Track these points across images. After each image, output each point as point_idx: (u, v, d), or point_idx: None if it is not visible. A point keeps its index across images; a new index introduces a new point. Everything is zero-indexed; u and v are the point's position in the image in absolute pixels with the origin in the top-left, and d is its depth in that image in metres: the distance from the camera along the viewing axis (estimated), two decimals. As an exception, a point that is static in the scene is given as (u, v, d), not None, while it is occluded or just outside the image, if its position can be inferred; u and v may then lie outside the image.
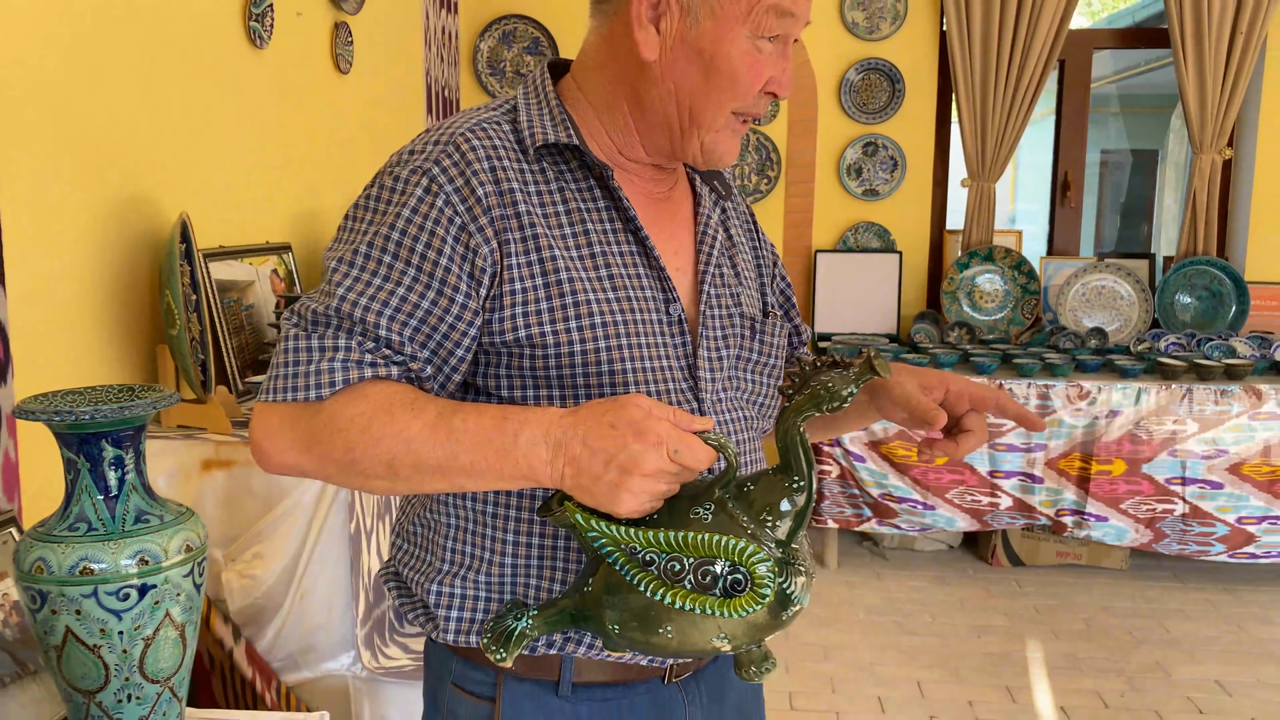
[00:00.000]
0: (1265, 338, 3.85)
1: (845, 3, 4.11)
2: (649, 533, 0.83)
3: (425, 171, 0.96)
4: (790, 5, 0.96)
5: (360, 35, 2.99)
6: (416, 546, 1.07)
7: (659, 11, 0.96)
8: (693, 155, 1.02)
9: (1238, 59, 3.93)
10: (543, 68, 1.07)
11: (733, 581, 0.82)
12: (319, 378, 0.92)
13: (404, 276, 0.93)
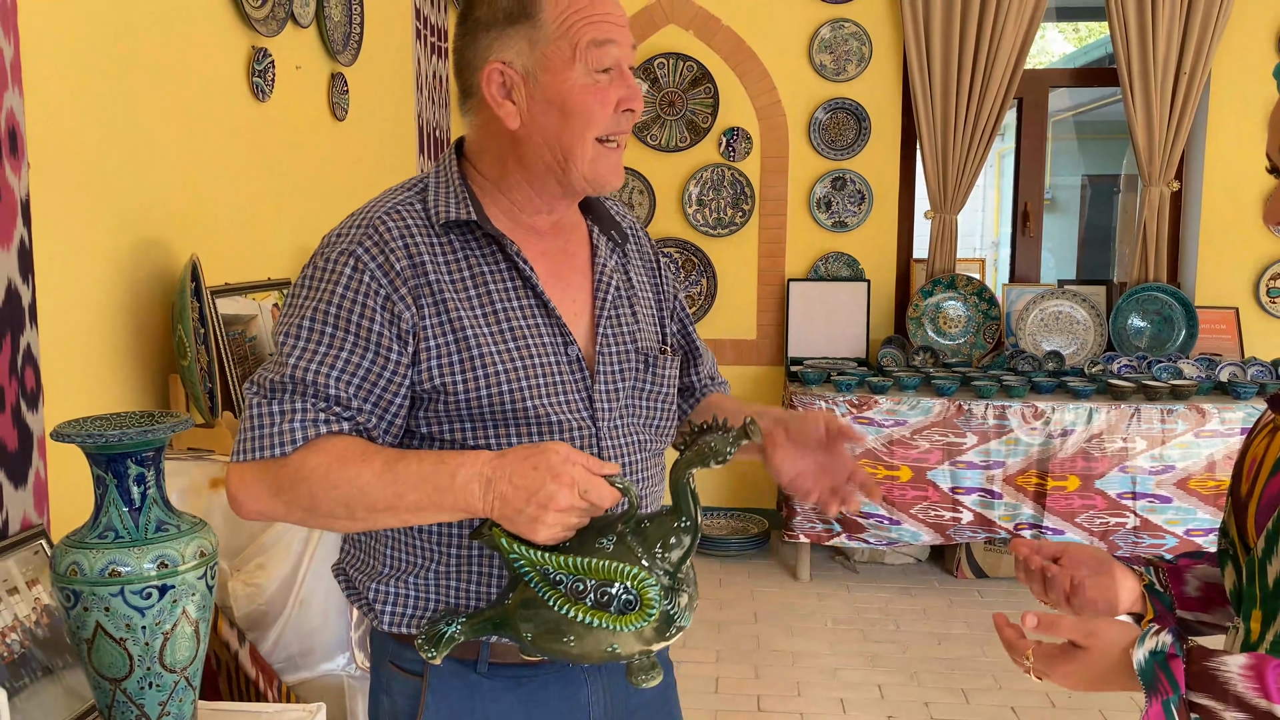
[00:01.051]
0: (1212, 359, 4.06)
1: (813, 46, 4.35)
2: (559, 557, 1.00)
3: (350, 253, 1.12)
4: (605, 34, 1.11)
5: (355, 84, 3.21)
6: (361, 550, 1.26)
7: (507, 86, 1.13)
8: (580, 187, 1.16)
9: (1182, 96, 4.17)
10: (451, 150, 1.23)
11: (625, 602, 1.00)
12: (281, 437, 1.08)
13: (344, 343, 1.10)
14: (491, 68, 1.13)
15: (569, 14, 1.11)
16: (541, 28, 1.11)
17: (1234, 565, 1.05)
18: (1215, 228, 4.36)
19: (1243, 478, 1.02)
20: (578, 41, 1.11)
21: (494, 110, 1.14)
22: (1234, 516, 1.04)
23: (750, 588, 3.96)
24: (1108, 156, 9.07)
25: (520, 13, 1.12)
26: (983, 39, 4.17)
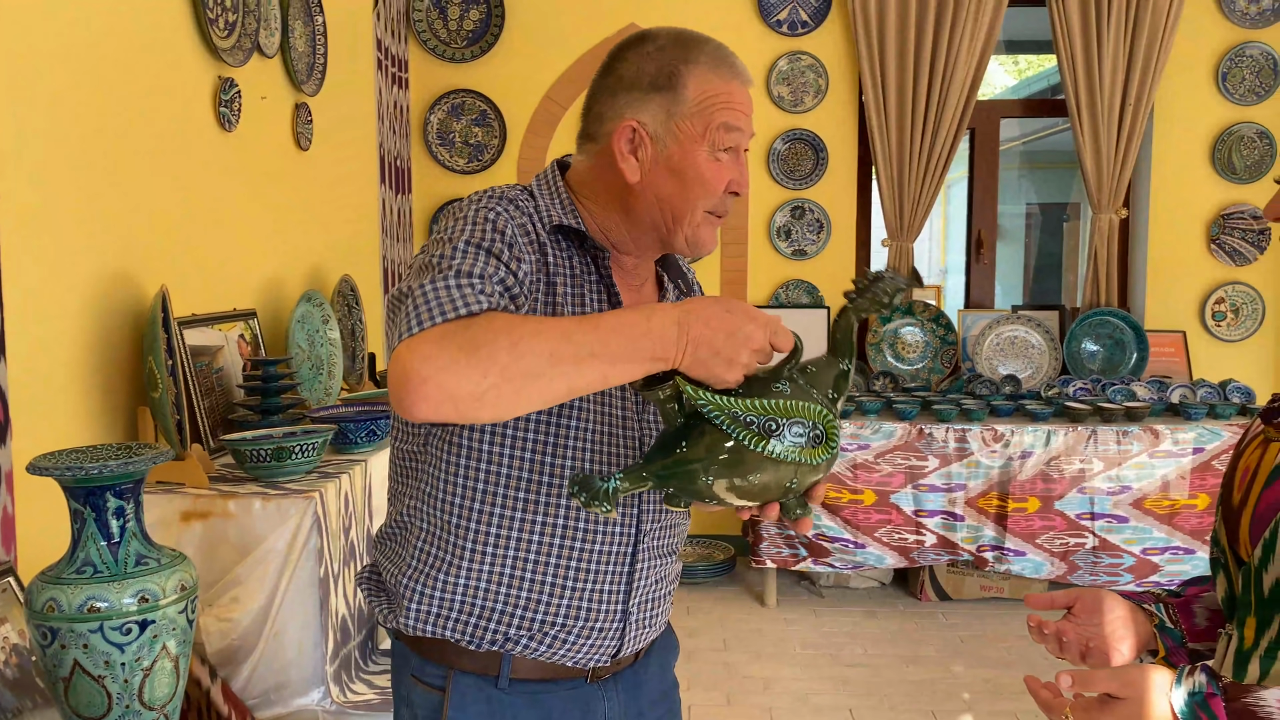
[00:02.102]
0: (1163, 381, 4.17)
1: (772, 78, 4.43)
2: (750, 400, 1.02)
3: (492, 208, 1.18)
4: (736, 121, 1.20)
5: (319, 114, 3.21)
6: (394, 543, 1.27)
7: (635, 144, 1.20)
8: (679, 248, 1.25)
9: (1128, 126, 4.31)
10: (554, 165, 1.30)
11: (814, 437, 1.04)
12: (465, 299, 1.05)
13: (498, 265, 1.12)
14: (626, 124, 1.20)
15: (709, 96, 1.19)
16: (682, 103, 1.19)
17: (1225, 574, 1.08)
18: (1162, 254, 4.50)
19: (1234, 488, 1.06)
20: (711, 122, 1.18)
21: (617, 161, 1.21)
22: (1225, 526, 1.07)
23: (719, 614, 3.96)
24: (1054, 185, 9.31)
25: (666, 84, 1.19)
26: (936, 71, 4.27)
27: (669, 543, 1.30)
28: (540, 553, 1.19)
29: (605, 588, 1.23)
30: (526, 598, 1.20)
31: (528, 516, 1.19)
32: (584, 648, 1.24)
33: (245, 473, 2.18)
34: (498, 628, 1.21)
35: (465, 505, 1.19)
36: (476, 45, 4.43)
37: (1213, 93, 4.41)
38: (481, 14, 4.42)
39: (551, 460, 1.18)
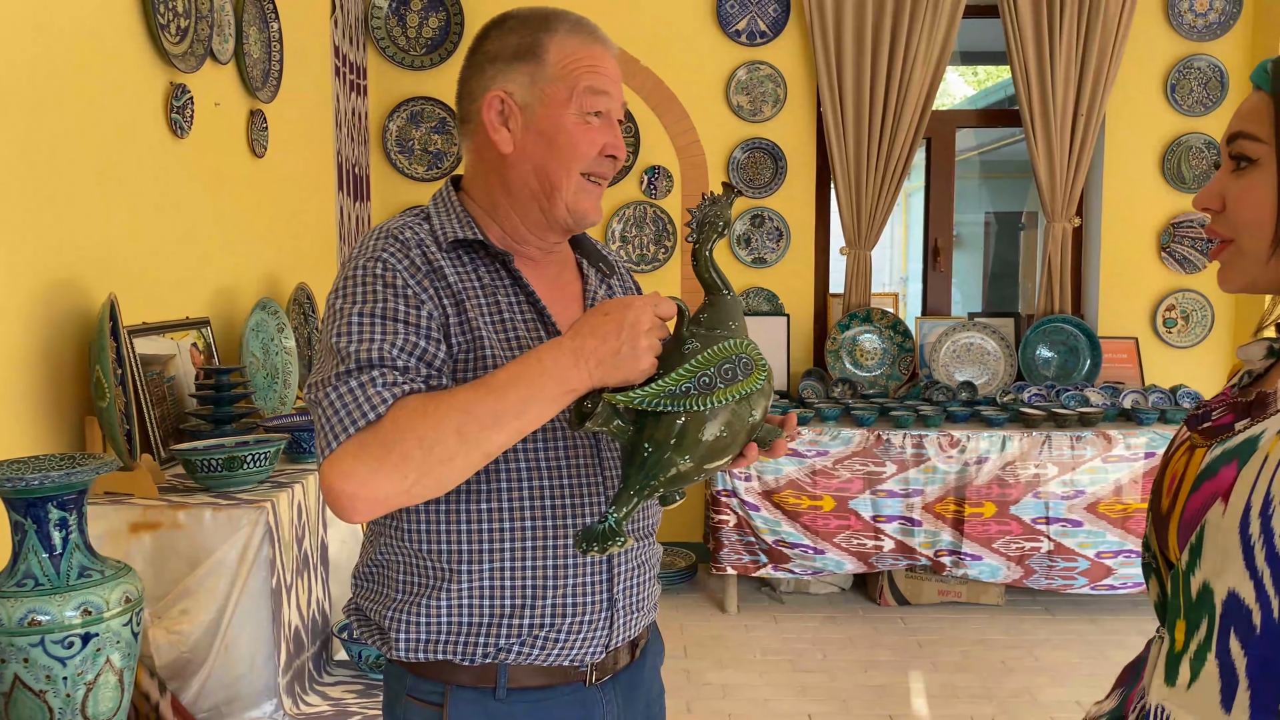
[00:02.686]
0: (1116, 387, 4.24)
1: (730, 88, 4.46)
2: (676, 371, 1.06)
3: (376, 258, 1.18)
4: (600, 84, 1.23)
5: (274, 121, 3.18)
6: (374, 583, 1.28)
7: (504, 115, 1.23)
8: (562, 218, 1.25)
9: (1080, 136, 4.38)
10: (448, 183, 1.32)
11: (745, 365, 1.07)
12: (370, 402, 1.08)
13: (396, 328, 1.14)
14: (493, 95, 1.23)
15: (572, 60, 1.22)
16: (545, 68, 1.22)
17: (1157, 578, 1.10)
18: (1114, 261, 4.58)
19: (1163, 494, 1.07)
20: (575, 85, 1.22)
21: (489, 134, 1.23)
22: (1155, 531, 1.09)
23: (679, 622, 3.97)
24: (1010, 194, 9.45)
25: (528, 52, 1.23)
26: (893, 81, 4.32)
27: (644, 525, 1.32)
28: (517, 559, 1.21)
29: (587, 580, 1.24)
30: (512, 605, 1.21)
31: (496, 527, 1.20)
32: (576, 643, 1.24)
33: (196, 483, 2.15)
34: (489, 640, 1.22)
35: (435, 531, 1.20)
36: (436, 53, 4.42)
37: (1162, 104, 4.50)
38: (441, 21, 4.41)
39: (507, 467, 1.19)
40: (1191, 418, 1.10)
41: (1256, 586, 0.93)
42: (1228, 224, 1.02)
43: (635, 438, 1.08)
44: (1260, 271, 1.00)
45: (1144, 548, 1.12)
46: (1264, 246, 0.98)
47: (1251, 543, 0.93)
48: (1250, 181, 0.99)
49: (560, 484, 1.22)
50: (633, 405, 1.05)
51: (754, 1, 4.42)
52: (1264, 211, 0.98)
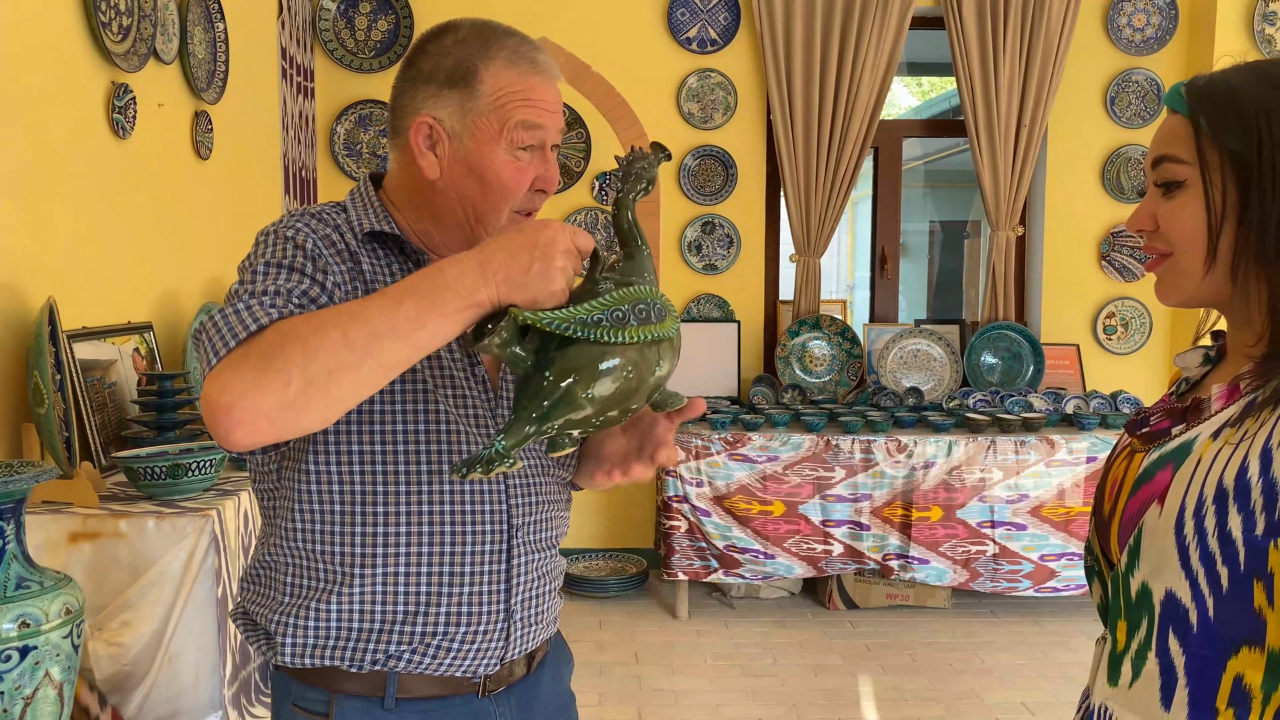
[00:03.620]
0: (1058, 393, 4.33)
1: (681, 95, 4.48)
2: (593, 300, 1.01)
3: (291, 227, 1.16)
4: (535, 119, 1.17)
5: (220, 123, 3.13)
6: (261, 585, 1.23)
7: (433, 140, 1.17)
8: None
9: (1024, 147, 4.47)
10: (365, 178, 1.27)
11: (659, 310, 1.04)
12: (250, 318, 1.01)
13: (299, 277, 1.10)
14: (421, 119, 1.17)
15: (506, 93, 1.16)
16: (478, 98, 1.16)
17: (1100, 580, 1.12)
18: (1056, 270, 4.68)
19: (1105, 498, 1.10)
20: (508, 120, 1.16)
21: (417, 158, 1.18)
22: (1098, 535, 1.12)
23: (630, 628, 3.96)
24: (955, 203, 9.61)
25: (461, 79, 1.17)
26: (841, 91, 4.37)
27: (546, 536, 1.27)
28: (411, 564, 1.17)
29: (484, 589, 1.20)
30: (404, 612, 1.17)
31: (390, 530, 1.16)
32: (470, 654, 1.20)
33: (139, 491, 2.10)
34: (378, 647, 1.17)
35: (326, 532, 1.16)
36: (385, 55, 4.38)
37: (1102, 116, 4.61)
38: (390, 24, 4.37)
39: (405, 468, 1.16)
40: (1131, 423, 1.12)
41: (1192, 586, 0.96)
42: (1163, 241, 1.05)
43: (534, 367, 1.02)
44: (1196, 287, 1.03)
45: (1086, 551, 1.15)
46: (1198, 264, 1.01)
47: (1186, 543, 0.96)
48: (1180, 203, 1.02)
49: (459, 488, 1.17)
50: (541, 325, 0.99)
51: (705, 10, 4.45)
52: (1196, 230, 1.01)
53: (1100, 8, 4.55)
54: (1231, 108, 0.99)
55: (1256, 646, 0.93)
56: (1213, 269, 1.00)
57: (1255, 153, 0.97)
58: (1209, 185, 0.99)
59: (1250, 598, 0.93)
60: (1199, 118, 1.00)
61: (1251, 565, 0.92)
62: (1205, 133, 0.99)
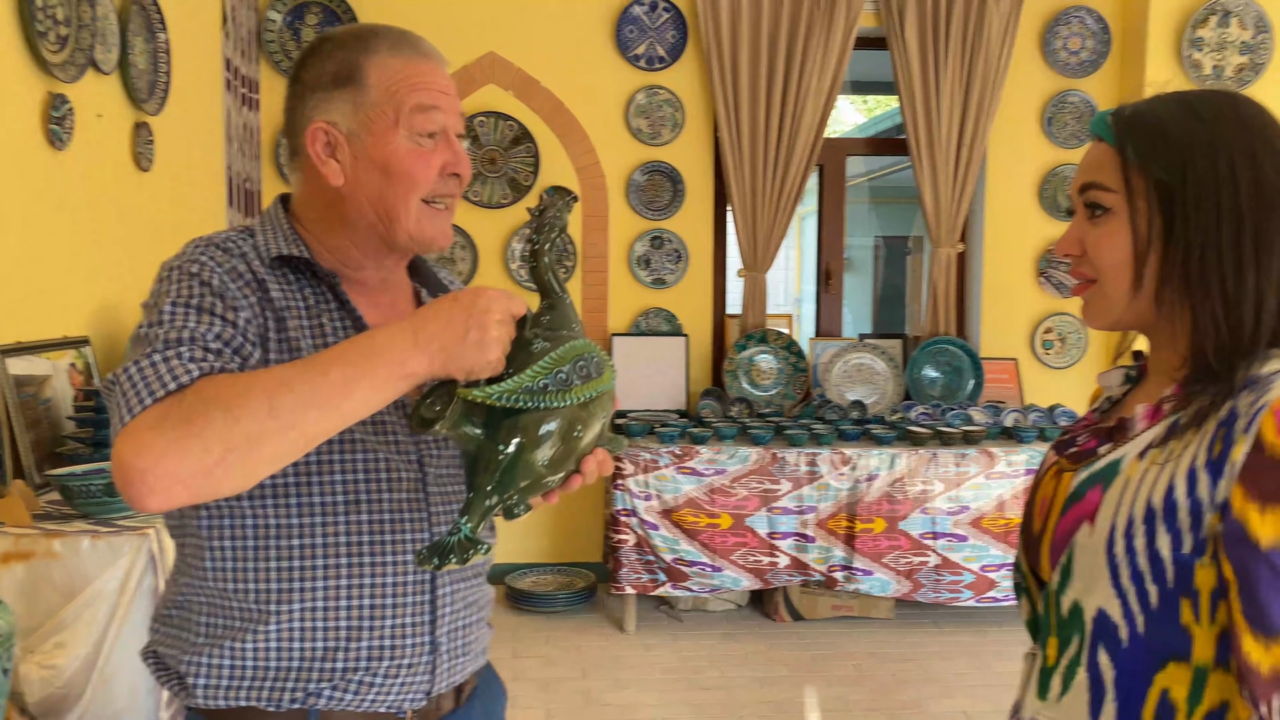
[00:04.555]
0: (998, 406, 4.42)
1: (630, 111, 4.51)
2: (536, 365, 1.01)
3: (195, 260, 1.12)
4: (429, 100, 1.15)
5: (161, 134, 3.09)
6: (172, 626, 1.18)
7: (332, 145, 1.16)
8: (405, 245, 1.18)
9: (964, 165, 4.57)
10: (276, 200, 1.25)
11: (597, 365, 1.06)
12: (170, 375, 0.97)
13: (210, 319, 1.06)
14: (315, 127, 1.15)
15: (395, 80, 1.15)
16: (367, 92, 1.15)
17: (1028, 597, 1.15)
18: (996, 285, 4.78)
19: (1034, 516, 1.13)
20: (402, 106, 1.14)
21: (318, 168, 1.16)
22: (1026, 552, 1.15)
23: (578, 643, 3.96)
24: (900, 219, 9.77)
25: (347, 78, 1.15)
26: (787, 109, 4.44)
27: (472, 565, 1.23)
28: (331, 598, 1.13)
29: (408, 620, 1.17)
30: (324, 648, 1.13)
31: (308, 564, 1.12)
32: (394, 688, 1.17)
33: (74, 509, 2.06)
34: (298, 685, 1.13)
35: (240, 569, 1.12)
36: (332, 68, 4.35)
37: (1039, 136, 4.72)
38: (337, 37, 4.34)
39: (321, 501, 1.12)
40: (1059, 443, 1.16)
41: (1122, 604, 0.99)
42: (1090, 267, 1.08)
43: (487, 441, 1.01)
44: (1123, 311, 1.06)
45: (1015, 569, 1.17)
46: (1124, 289, 1.04)
47: (1117, 563, 0.99)
48: (1107, 229, 1.04)
49: (380, 518, 1.14)
50: (488, 401, 0.99)
51: (653, 27, 4.49)
52: (1122, 256, 1.04)
53: (1037, 31, 4.67)
54: (1159, 139, 1.01)
55: (1183, 661, 0.96)
56: (1138, 294, 1.04)
57: (1180, 183, 0.99)
58: (1135, 213, 1.02)
59: (1178, 615, 0.96)
60: (1126, 147, 1.03)
61: (1179, 583, 0.95)
62: (1132, 162, 1.02)
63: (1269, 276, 0.98)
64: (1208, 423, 0.96)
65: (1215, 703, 0.96)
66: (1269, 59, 4.51)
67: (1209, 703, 0.96)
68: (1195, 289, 1.00)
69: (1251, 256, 0.98)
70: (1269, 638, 0.89)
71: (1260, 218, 0.98)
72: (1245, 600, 0.91)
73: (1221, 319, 0.98)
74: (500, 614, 4.26)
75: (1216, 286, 0.98)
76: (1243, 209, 0.98)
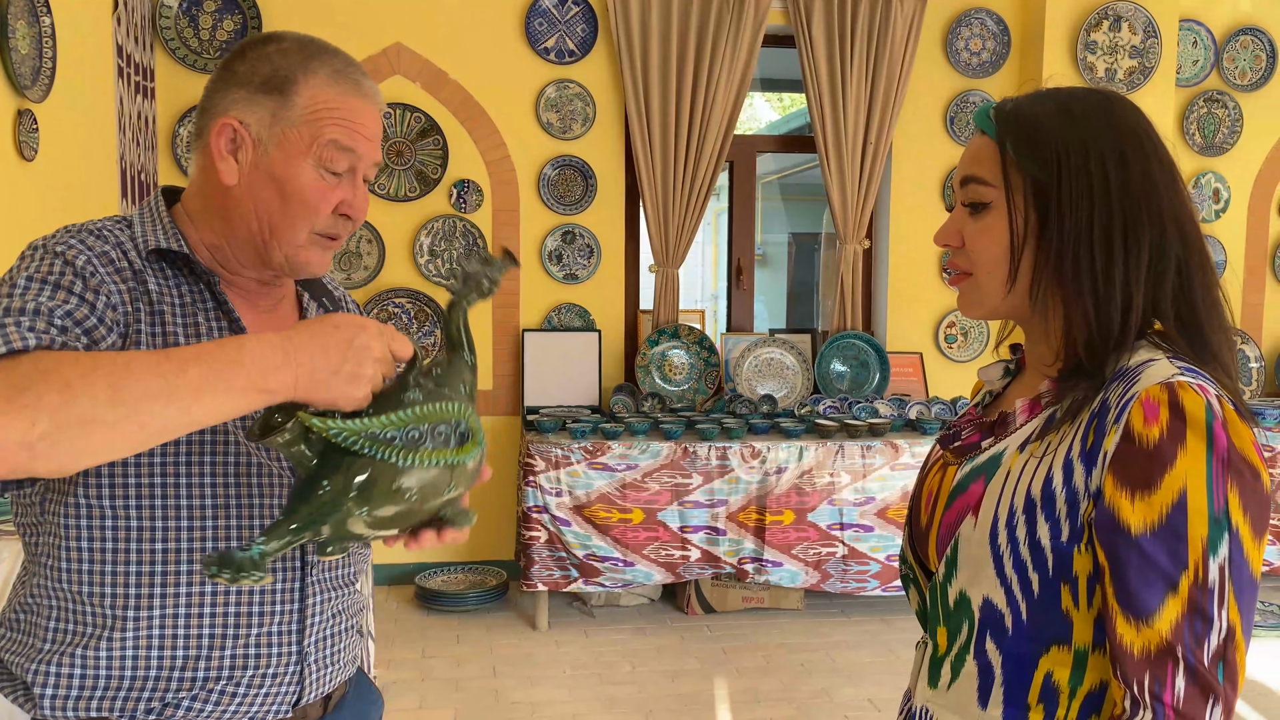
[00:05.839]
0: (903, 399, 4.52)
1: (540, 104, 4.48)
2: (390, 414, 0.94)
3: (63, 243, 1.06)
4: (349, 142, 1.13)
5: (47, 122, 2.96)
6: (18, 631, 1.13)
7: (236, 144, 1.12)
8: (278, 265, 1.15)
9: (869, 163, 4.66)
10: (157, 192, 1.21)
11: (461, 435, 0.99)
12: (4, 338, 0.91)
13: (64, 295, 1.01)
14: (226, 121, 1.12)
15: (322, 108, 1.12)
16: (291, 108, 1.12)
17: (917, 588, 1.18)
18: (901, 281, 4.88)
19: (921, 509, 1.15)
20: (319, 136, 1.12)
21: (214, 160, 1.13)
22: (912, 544, 1.17)
23: (488, 642, 3.93)
24: (810, 216, 9.91)
25: (275, 86, 1.12)
26: (697, 105, 4.46)
27: (344, 573, 1.23)
28: (194, 605, 1.09)
29: (274, 629, 1.14)
30: (184, 656, 1.10)
31: (170, 569, 1.08)
32: (258, 699, 1.14)
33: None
34: (153, 695, 1.09)
35: (96, 571, 1.07)
36: (232, 56, 4.23)
37: (942, 135, 4.84)
38: (236, 24, 4.23)
39: (189, 503, 1.09)
40: (943, 437, 1.18)
41: (1007, 593, 1.02)
42: (967, 259, 1.10)
43: (316, 472, 0.95)
44: (998, 304, 1.08)
45: (901, 561, 1.20)
46: (1000, 283, 1.07)
47: (1000, 552, 1.01)
48: (986, 223, 1.07)
49: (251, 523, 1.11)
50: (327, 435, 0.92)
51: (563, 20, 4.47)
52: (999, 251, 1.06)
53: (940, 31, 4.78)
54: (1035, 136, 1.04)
55: (1065, 645, 1.00)
56: (1013, 288, 1.06)
57: (1054, 182, 1.02)
58: (1012, 208, 1.04)
59: (1059, 601, 0.99)
60: (1005, 142, 1.05)
61: (1059, 570, 0.98)
62: (1011, 158, 1.04)
63: (1137, 275, 1.01)
64: (1081, 414, 0.99)
65: (1095, 684, 0.99)
66: (1157, 63, 4.70)
67: (1089, 684, 0.99)
68: (1067, 286, 1.02)
69: (1120, 256, 1.00)
70: (1139, 620, 0.93)
71: (1128, 219, 1.01)
72: (1117, 585, 0.94)
73: (1092, 316, 1.01)
74: (410, 614, 4.21)
75: (1087, 285, 1.01)
76: (1112, 209, 1.01)
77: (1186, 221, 1.03)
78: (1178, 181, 1.04)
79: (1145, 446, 0.93)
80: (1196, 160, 5.03)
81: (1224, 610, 0.91)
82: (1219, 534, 0.91)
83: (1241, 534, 0.92)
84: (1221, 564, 0.91)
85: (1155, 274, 1.01)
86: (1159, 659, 0.91)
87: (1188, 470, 0.91)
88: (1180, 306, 1.02)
